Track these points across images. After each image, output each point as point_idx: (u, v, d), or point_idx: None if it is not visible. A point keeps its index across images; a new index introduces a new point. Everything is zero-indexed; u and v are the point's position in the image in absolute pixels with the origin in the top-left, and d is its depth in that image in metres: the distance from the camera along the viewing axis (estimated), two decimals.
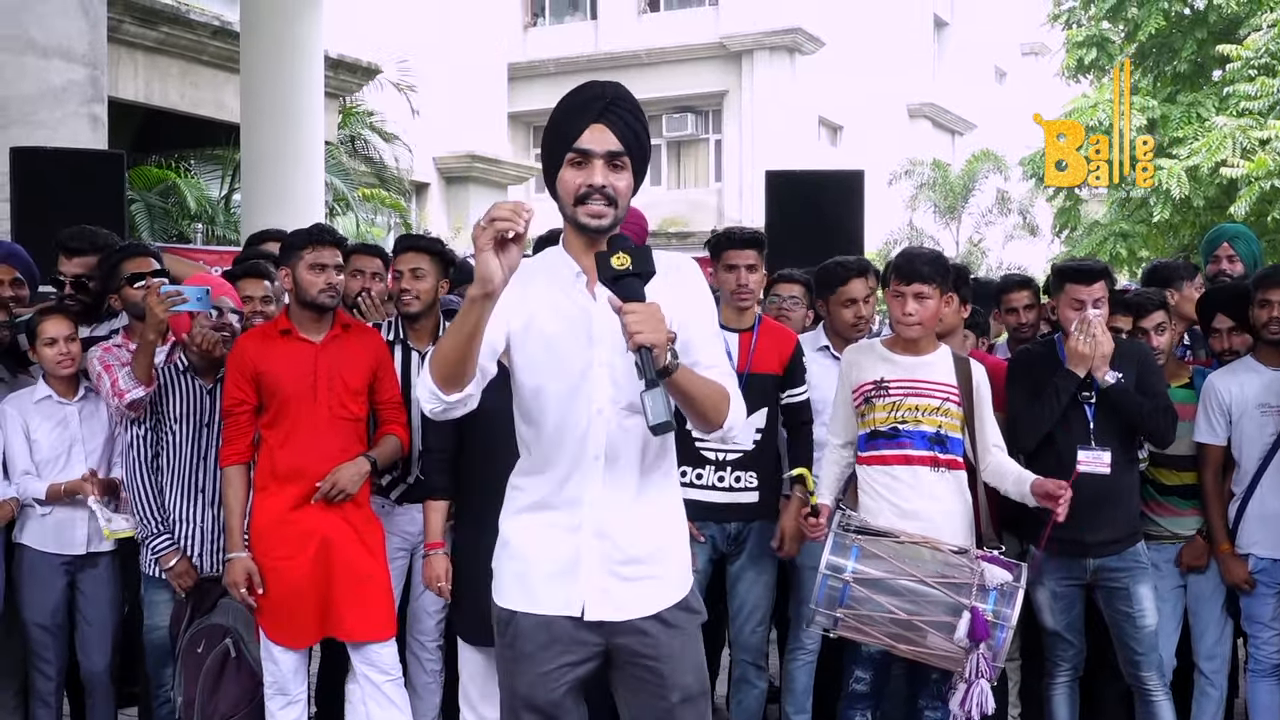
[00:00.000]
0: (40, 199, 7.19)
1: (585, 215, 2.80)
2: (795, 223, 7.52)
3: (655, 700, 2.93)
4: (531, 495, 2.96)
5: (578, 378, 2.85)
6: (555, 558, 2.90)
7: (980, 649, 3.98)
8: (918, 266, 4.36)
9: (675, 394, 2.65)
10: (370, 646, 4.39)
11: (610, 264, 2.64)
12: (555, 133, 2.86)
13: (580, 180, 2.81)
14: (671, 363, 2.60)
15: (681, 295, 2.86)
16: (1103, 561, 4.62)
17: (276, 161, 10.79)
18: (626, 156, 2.83)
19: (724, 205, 29.21)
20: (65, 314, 4.78)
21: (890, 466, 4.38)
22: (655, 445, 2.91)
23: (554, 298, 2.90)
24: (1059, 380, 4.55)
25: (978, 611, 3.98)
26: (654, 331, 2.55)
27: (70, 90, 8.91)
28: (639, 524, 2.91)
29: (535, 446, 2.95)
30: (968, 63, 36.09)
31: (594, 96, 2.84)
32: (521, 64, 29.31)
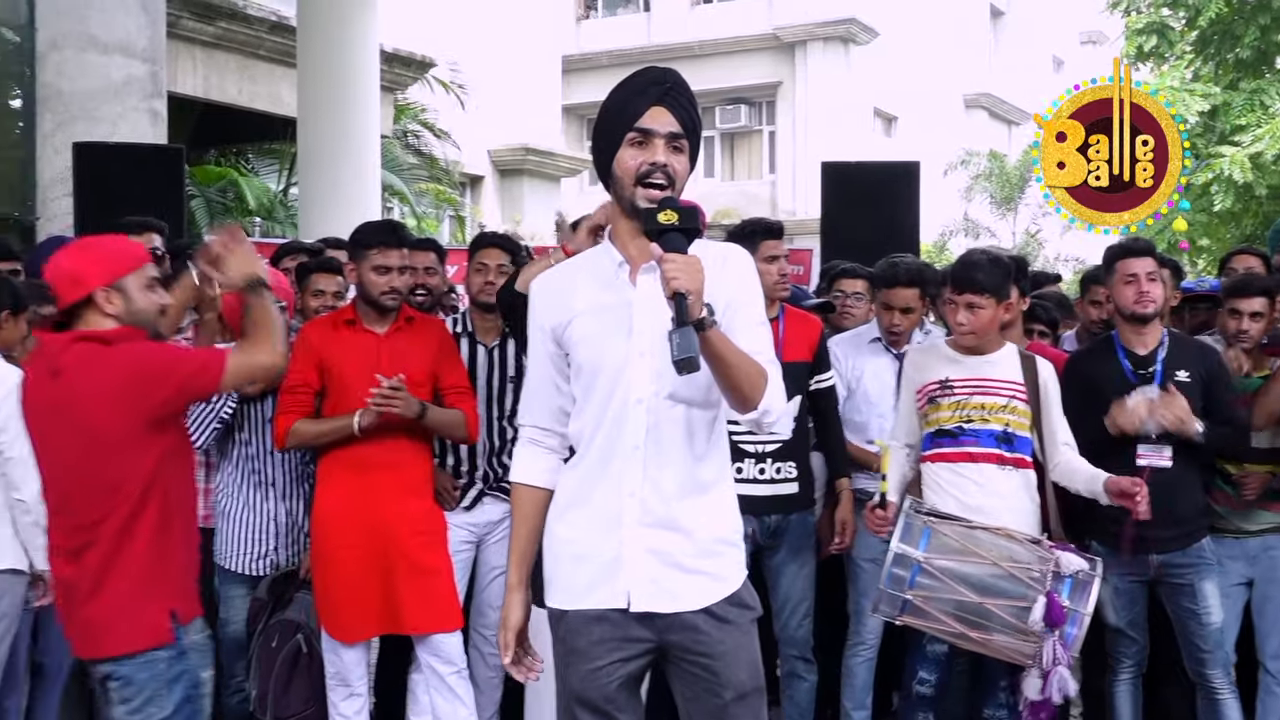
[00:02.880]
0: (102, 194, 7.28)
1: (644, 197, 2.80)
2: (851, 214, 7.48)
3: (709, 698, 2.91)
4: (576, 489, 2.96)
5: (618, 369, 2.85)
6: (600, 550, 2.90)
7: (1055, 635, 3.93)
8: (972, 275, 4.34)
9: (709, 356, 2.63)
10: (435, 637, 4.40)
11: (656, 218, 2.65)
12: (614, 115, 2.88)
13: (642, 158, 2.82)
14: (707, 319, 2.58)
15: (729, 282, 2.85)
16: (1167, 557, 4.55)
17: (333, 155, 10.86)
18: (685, 140, 2.85)
19: (777, 197, 29.11)
20: None
21: (955, 464, 4.35)
22: (703, 435, 2.89)
23: (595, 294, 2.91)
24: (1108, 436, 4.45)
25: (1054, 596, 3.93)
26: (690, 279, 2.55)
27: (131, 86, 9.01)
28: (686, 516, 2.88)
29: (579, 440, 2.96)
30: (1025, 52, 35.71)
31: (654, 80, 2.88)
32: (575, 56, 29.31)
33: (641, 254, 2.81)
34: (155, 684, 3.35)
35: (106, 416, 3.31)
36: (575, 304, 2.92)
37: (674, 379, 2.69)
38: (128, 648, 3.35)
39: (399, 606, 4.36)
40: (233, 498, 4.66)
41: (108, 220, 5.59)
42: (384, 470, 4.39)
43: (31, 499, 4.25)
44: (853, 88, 29.41)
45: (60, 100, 8.92)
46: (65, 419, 3.35)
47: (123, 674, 3.35)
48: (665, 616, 2.88)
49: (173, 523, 3.42)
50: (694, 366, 2.52)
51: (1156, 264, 4.62)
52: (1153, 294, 4.57)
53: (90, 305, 3.36)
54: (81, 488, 3.37)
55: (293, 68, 11.86)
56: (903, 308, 5.01)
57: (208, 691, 3.56)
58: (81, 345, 3.33)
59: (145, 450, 3.35)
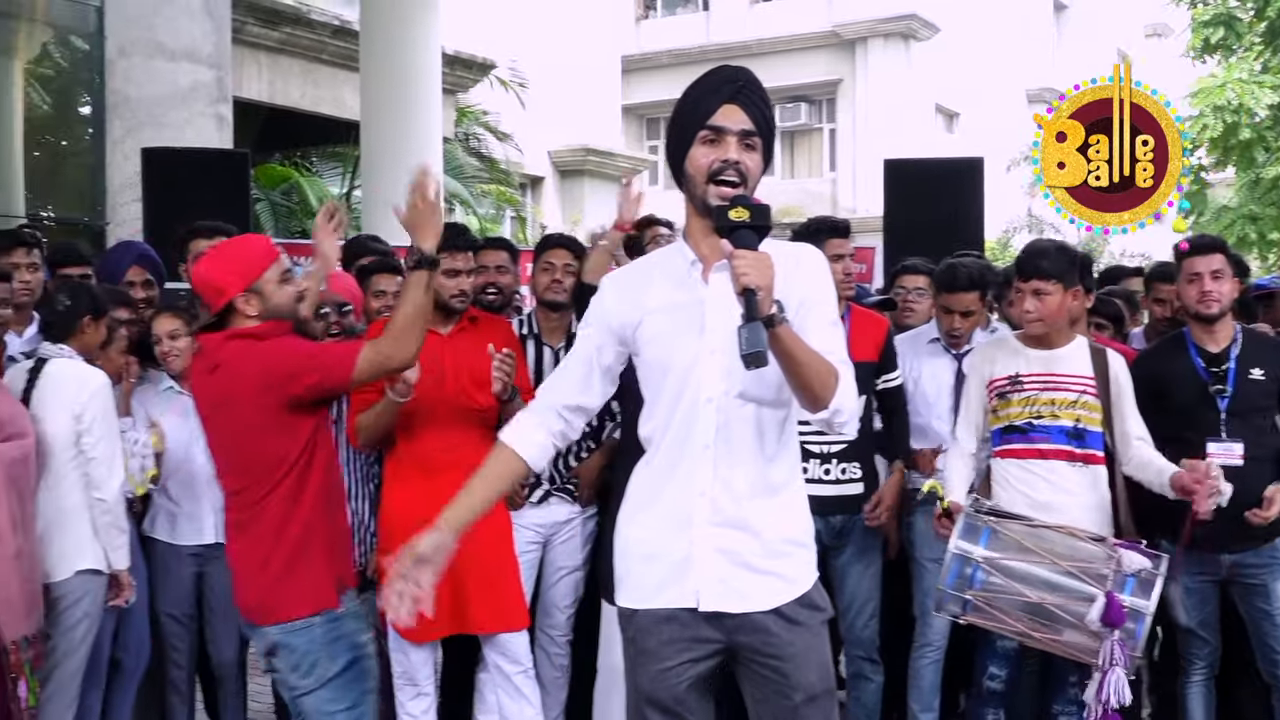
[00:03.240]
0: (170, 198, 7.39)
1: (716, 194, 2.80)
2: (914, 211, 7.45)
3: (779, 699, 2.90)
4: (646, 488, 2.97)
5: (688, 367, 2.85)
6: (670, 550, 2.89)
7: (1115, 635, 3.88)
8: (1037, 262, 4.30)
9: (779, 354, 2.61)
10: (501, 637, 4.42)
11: (728, 215, 2.64)
12: (687, 113, 2.88)
13: (714, 156, 2.82)
14: (778, 315, 2.57)
15: (802, 281, 2.85)
16: (1239, 557, 4.48)
17: (395, 158, 10.92)
18: (758, 138, 2.85)
19: (838, 194, 28.98)
20: (175, 312, 4.86)
21: (1025, 460, 4.32)
22: (773, 434, 2.89)
23: (668, 292, 2.91)
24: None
25: (1113, 596, 3.89)
26: (760, 276, 2.54)
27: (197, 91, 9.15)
28: (757, 515, 2.88)
29: (649, 439, 2.97)
30: (1088, 45, 35.27)
31: (727, 79, 2.87)
32: (634, 56, 29.35)
33: (714, 252, 2.81)
34: (315, 648, 3.61)
35: (253, 405, 3.58)
36: (648, 302, 2.92)
37: (744, 377, 2.68)
38: (296, 613, 3.62)
39: (466, 606, 4.38)
40: None
41: (175, 224, 5.67)
42: (450, 470, 4.38)
43: (112, 498, 4.33)
44: (914, 84, 29.21)
45: (128, 106, 9.07)
46: (224, 409, 3.65)
47: (286, 641, 3.63)
48: (735, 617, 2.88)
49: (328, 497, 3.72)
50: (762, 362, 2.50)
51: (1225, 261, 4.55)
52: (1216, 293, 4.50)
53: (234, 309, 3.67)
54: (245, 469, 3.67)
55: (355, 71, 11.97)
56: (963, 311, 4.98)
57: (372, 652, 3.76)
58: (234, 343, 3.63)
59: (294, 434, 3.62)
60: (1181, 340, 4.66)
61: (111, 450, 4.34)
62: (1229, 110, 17.43)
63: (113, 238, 8.80)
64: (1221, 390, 4.47)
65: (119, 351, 4.75)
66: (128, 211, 8.90)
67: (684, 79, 2.95)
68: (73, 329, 4.42)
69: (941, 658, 4.89)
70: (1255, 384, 4.45)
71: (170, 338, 4.78)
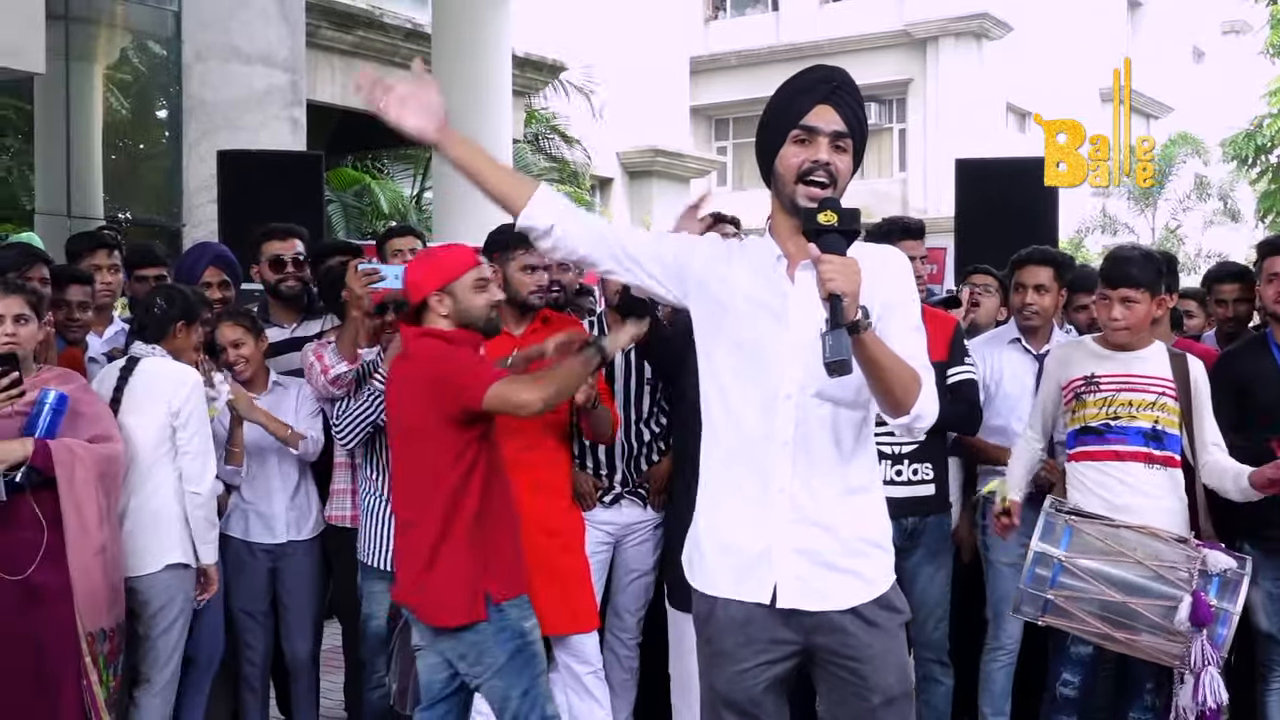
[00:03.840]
0: (244, 200, 7.48)
1: (805, 195, 2.79)
2: (986, 211, 7.41)
3: (857, 701, 2.89)
4: (723, 479, 2.96)
5: (768, 361, 2.85)
6: (747, 544, 2.89)
7: (1203, 635, 3.83)
8: (1126, 270, 4.26)
9: (862, 359, 2.60)
10: (572, 638, 4.42)
11: (816, 219, 2.64)
12: (779, 112, 2.88)
13: (805, 156, 2.82)
14: (863, 321, 2.56)
15: (886, 284, 2.83)
16: None
17: None
18: (850, 139, 2.85)
19: (908, 195, 28.79)
20: (238, 320, 4.90)
21: (1101, 462, 4.27)
22: (850, 435, 2.87)
23: (752, 280, 2.91)
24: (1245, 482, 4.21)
25: (1200, 595, 3.83)
26: (847, 281, 2.53)
27: (272, 94, 9.27)
28: (835, 514, 2.86)
29: (725, 430, 2.95)
30: (1164, 43, 34.80)
31: (821, 79, 2.87)
32: (703, 57, 29.31)
33: (800, 250, 2.80)
34: (480, 641, 3.75)
35: (425, 405, 3.74)
36: (733, 279, 2.91)
37: (823, 377, 2.66)
38: (448, 621, 3.75)
39: (536, 607, 4.39)
40: (376, 496, 4.74)
41: (250, 226, 5.74)
42: (521, 470, 4.41)
43: (206, 492, 4.40)
44: (985, 83, 28.97)
45: (204, 110, 9.21)
46: (405, 402, 3.85)
47: (449, 641, 3.80)
48: (812, 616, 2.87)
49: (491, 511, 3.78)
50: (846, 370, 2.49)
51: None
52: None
53: (429, 306, 3.86)
54: (412, 469, 3.83)
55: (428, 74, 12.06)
56: (1035, 285, 4.95)
57: (537, 637, 3.86)
58: (425, 340, 3.85)
59: (456, 443, 3.73)
60: (1264, 341, 4.59)
61: (205, 446, 4.42)
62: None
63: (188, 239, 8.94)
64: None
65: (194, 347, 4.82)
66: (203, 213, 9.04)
67: (753, 80, 2.98)
68: (166, 332, 4.49)
69: (1014, 661, 4.85)
70: None
71: (234, 346, 4.84)
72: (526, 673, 3.77)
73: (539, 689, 3.80)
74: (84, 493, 3.96)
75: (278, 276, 5.30)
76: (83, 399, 4.13)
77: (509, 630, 3.75)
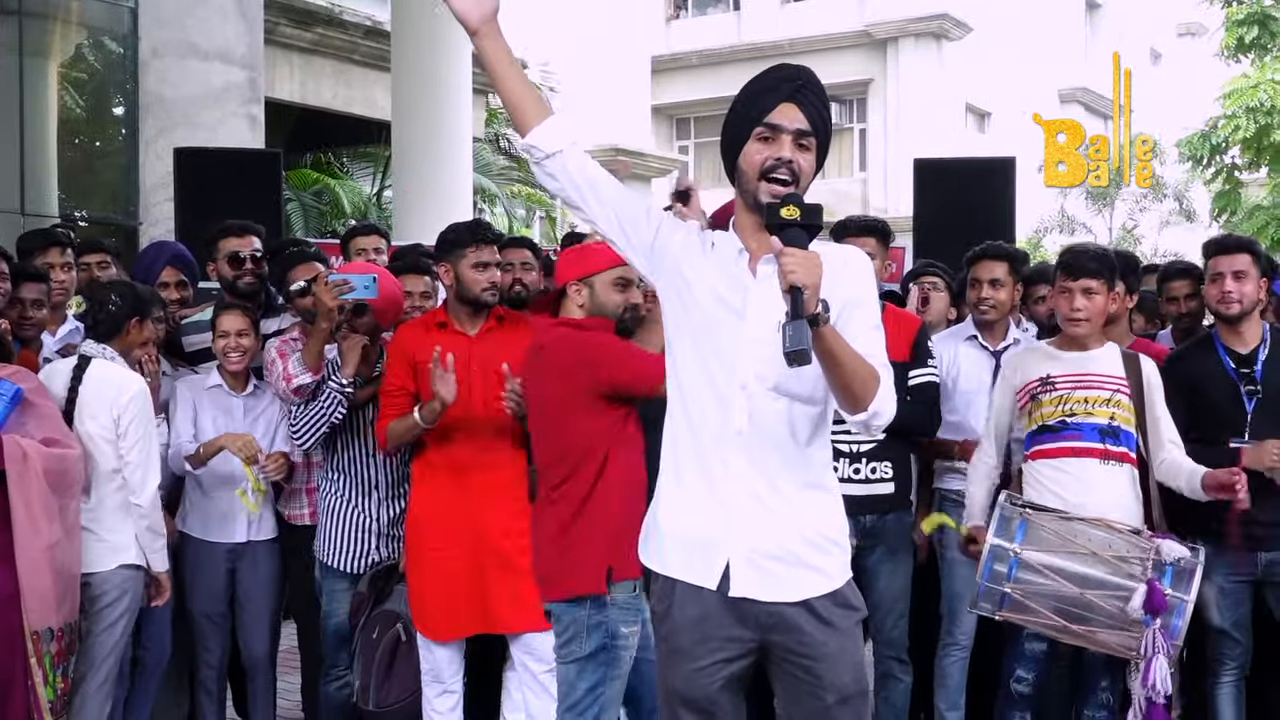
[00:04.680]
0: (202, 198, 7.42)
1: (767, 192, 2.80)
2: (944, 211, 7.44)
3: (811, 700, 2.90)
4: (681, 469, 2.97)
5: (725, 353, 2.86)
6: (702, 532, 2.90)
7: (1157, 624, 3.87)
8: (1084, 262, 4.31)
9: (821, 353, 2.62)
10: (528, 636, 4.42)
11: (779, 213, 2.65)
12: (743, 110, 2.90)
13: (768, 153, 2.83)
14: (822, 315, 2.57)
15: (848, 283, 2.85)
16: (1275, 555, 4.44)
17: (426, 158, 10.96)
18: (813, 138, 2.86)
19: (869, 194, 28.92)
20: (243, 311, 4.89)
21: (1057, 460, 4.30)
22: (807, 429, 2.88)
23: (715, 270, 2.92)
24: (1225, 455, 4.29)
25: (1155, 584, 3.87)
26: (808, 274, 2.54)
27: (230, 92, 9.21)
28: (792, 507, 2.87)
29: (683, 419, 2.97)
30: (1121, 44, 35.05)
31: (786, 78, 2.89)
32: (665, 56, 29.34)
33: (761, 246, 2.82)
34: (576, 626, 3.88)
35: (561, 388, 3.91)
36: (702, 272, 2.93)
37: (779, 370, 2.69)
38: (566, 593, 3.90)
39: (492, 606, 4.39)
40: (337, 496, 4.73)
41: (207, 224, 5.70)
42: (478, 471, 4.42)
43: (148, 503, 4.35)
44: (945, 84, 29.13)
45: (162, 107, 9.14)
46: (541, 389, 4.03)
47: (556, 613, 3.96)
48: (767, 612, 2.88)
49: (619, 492, 3.89)
50: (805, 360, 2.51)
51: (1251, 261, 4.52)
52: (1236, 293, 4.48)
53: (566, 296, 4.04)
54: (552, 449, 4.00)
55: (387, 72, 12.01)
56: (990, 279, 4.98)
57: (628, 645, 3.92)
58: (559, 329, 4.02)
59: (593, 423, 3.90)
60: (1210, 341, 4.63)
61: (146, 456, 4.37)
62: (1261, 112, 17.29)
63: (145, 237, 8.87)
64: (1252, 390, 4.44)
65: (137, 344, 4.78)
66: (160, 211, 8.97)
67: (714, 79, 2.99)
68: (120, 330, 4.46)
69: (968, 657, 4.88)
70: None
71: (239, 335, 4.82)
72: (601, 671, 3.88)
73: (609, 691, 3.91)
74: (34, 489, 3.92)
75: (235, 273, 5.26)
76: (39, 401, 4.10)
77: (604, 628, 3.86)
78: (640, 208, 3.02)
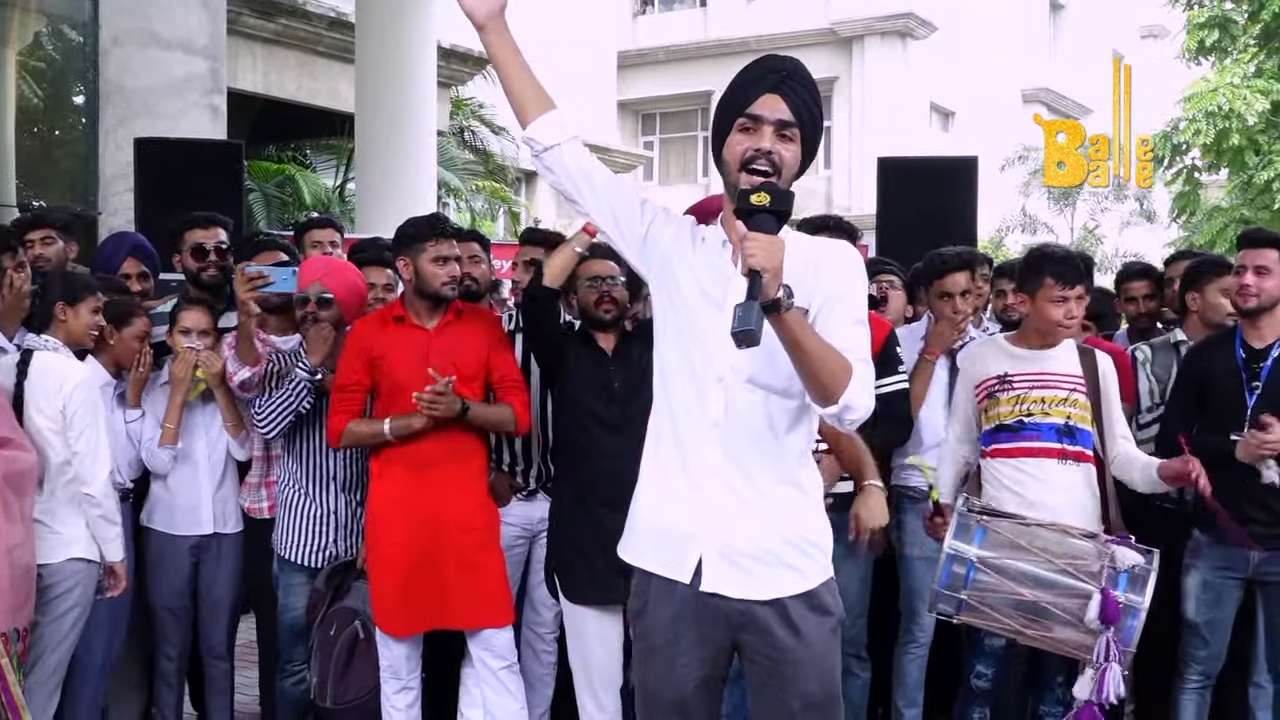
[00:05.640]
0: (163, 189, 7.36)
1: (747, 182, 2.79)
2: (907, 210, 7.46)
3: (777, 703, 2.89)
4: (659, 462, 2.97)
5: (704, 344, 2.85)
6: (677, 525, 2.89)
7: (1110, 632, 3.89)
8: (1079, 270, 4.34)
9: (786, 341, 2.61)
10: (486, 632, 4.41)
11: (749, 199, 2.65)
12: (729, 100, 2.89)
13: (748, 144, 2.83)
14: (785, 300, 2.55)
15: (832, 277, 2.84)
16: (1270, 554, 4.40)
17: (390, 151, 10.93)
18: (797, 129, 2.85)
19: (833, 192, 28.99)
20: (205, 307, 4.84)
21: (1015, 459, 4.32)
22: (785, 424, 2.87)
23: (701, 264, 2.92)
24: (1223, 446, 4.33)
25: (1109, 592, 3.89)
26: (768, 258, 2.53)
27: (191, 82, 9.12)
28: (769, 503, 2.86)
29: (664, 411, 2.97)
30: (1084, 46, 35.33)
31: (771, 69, 2.88)
32: (631, 52, 29.32)
33: None
34: None
35: None
36: (691, 265, 2.92)
37: (756, 362, 2.69)
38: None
39: (451, 601, 4.37)
40: (296, 489, 4.70)
41: (168, 215, 5.66)
42: (438, 466, 4.40)
43: (99, 492, 4.29)
44: (910, 83, 29.25)
45: (122, 96, 9.04)
46: None
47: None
48: (738, 610, 2.87)
49: None
50: (752, 341, 2.48)
51: (1278, 257, 4.46)
52: (1255, 287, 4.47)
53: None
54: None
55: (351, 64, 11.96)
56: (961, 291, 4.96)
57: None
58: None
59: None
60: (1233, 333, 4.63)
61: (95, 444, 4.30)
62: (1220, 116, 17.43)
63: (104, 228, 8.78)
64: (1255, 385, 4.45)
65: (135, 337, 4.72)
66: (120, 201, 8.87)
67: (680, 75, 2.99)
68: (50, 317, 4.40)
69: (926, 654, 4.90)
70: None
71: (201, 334, 4.76)
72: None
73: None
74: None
75: (199, 265, 5.22)
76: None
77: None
78: (634, 203, 3.02)
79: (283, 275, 4.56)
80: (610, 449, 4.26)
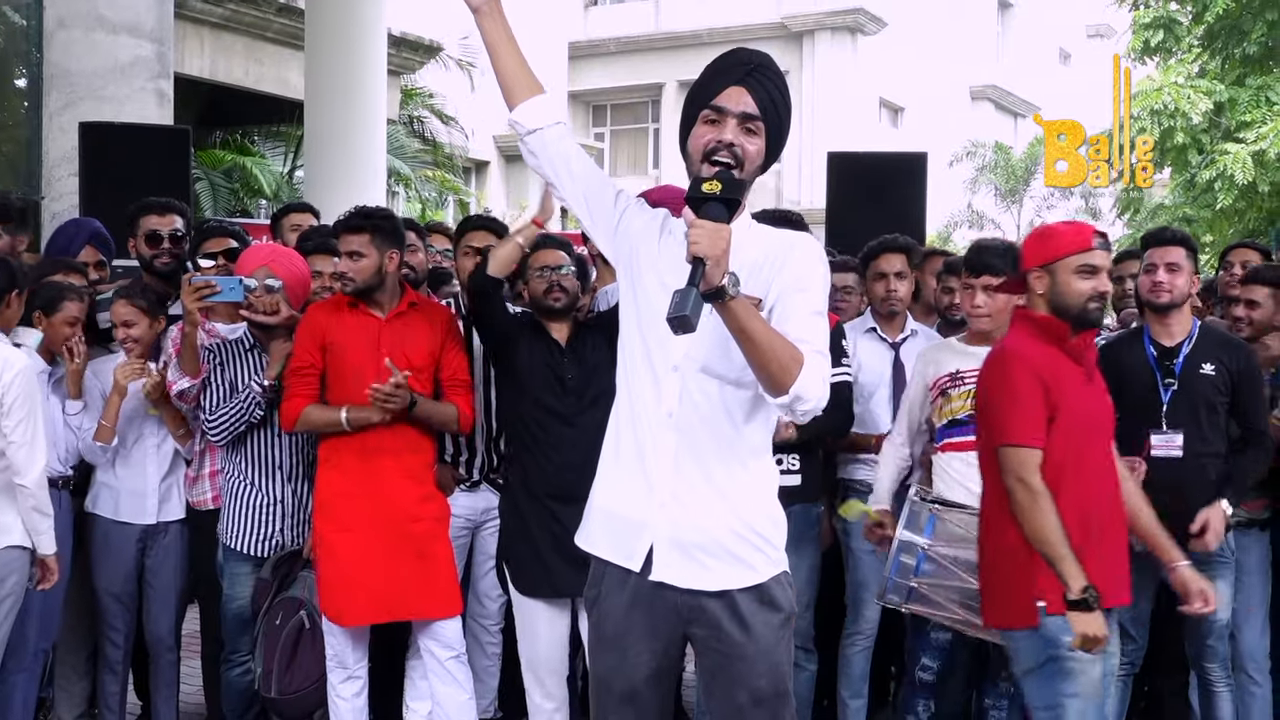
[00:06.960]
0: (108, 174, 7.27)
1: (709, 171, 2.79)
2: (857, 204, 7.49)
3: (725, 697, 2.90)
4: (617, 450, 2.98)
5: (660, 331, 2.81)
6: (629, 513, 2.90)
7: None
8: (988, 259, 4.36)
9: (733, 329, 2.61)
10: (434, 623, 4.41)
11: (700, 187, 2.66)
12: (696, 92, 2.90)
13: (711, 136, 2.84)
14: (731, 289, 2.55)
15: (791, 269, 2.85)
16: None
17: (339, 138, 10.84)
18: (761, 122, 2.85)
19: (783, 187, 29.07)
20: (132, 300, 4.76)
21: (966, 453, 4.35)
22: (741, 414, 2.87)
23: (662, 252, 2.92)
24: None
25: None
26: (711, 246, 2.53)
27: (138, 66, 8.97)
28: (718, 496, 2.86)
29: (623, 400, 2.98)
30: (1032, 45, 35.67)
31: (739, 61, 2.89)
32: (582, 43, 29.28)
33: None
34: (1031, 659, 3.61)
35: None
36: (656, 255, 2.93)
37: (709, 351, 2.70)
38: (1006, 623, 3.69)
39: (400, 592, 4.36)
40: (241, 480, 4.67)
41: (113, 200, 5.59)
42: (386, 455, 4.38)
43: (33, 484, 4.22)
44: (860, 78, 29.41)
45: (67, 80, 8.90)
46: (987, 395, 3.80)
47: (1012, 641, 3.70)
48: (688, 604, 2.88)
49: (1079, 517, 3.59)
50: (688, 327, 2.49)
51: (1185, 255, 4.56)
52: (1168, 284, 4.54)
53: (1029, 284, 3.76)
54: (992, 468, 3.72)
55: (300, 50, 11.85)
56: (895, 272, 5.02)
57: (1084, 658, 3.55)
58: (1017, 324, 3.80)
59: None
60: (1139, 333, 4.70)
61: (32, 435, 4.22)
62: (1165, 114, 17.64)
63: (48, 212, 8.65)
64: (1169, 382, 4.52)
65: (65, 322, 4.66)
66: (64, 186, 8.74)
67: (631, 67, 2.99)
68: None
69: (872, 645, 4.94)
70: (1204, 378, 4.49)
71: (124, 326, 4.72)
72: (1050, 688, 3.58)
73: (1065, 712, 3.57)
74: None
75: (153, 252, 5.16)
76: None
77: (1056, 665, 3.57)
78: (609, 190, 3.04)
79: (230, 285, 4.52)
80: (563, 441, 4.26)
